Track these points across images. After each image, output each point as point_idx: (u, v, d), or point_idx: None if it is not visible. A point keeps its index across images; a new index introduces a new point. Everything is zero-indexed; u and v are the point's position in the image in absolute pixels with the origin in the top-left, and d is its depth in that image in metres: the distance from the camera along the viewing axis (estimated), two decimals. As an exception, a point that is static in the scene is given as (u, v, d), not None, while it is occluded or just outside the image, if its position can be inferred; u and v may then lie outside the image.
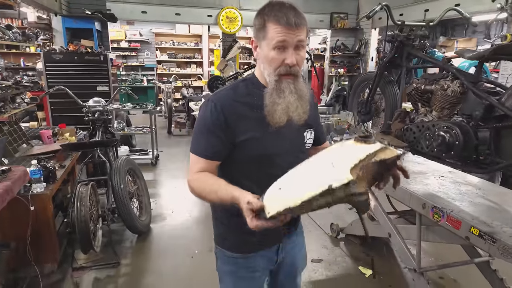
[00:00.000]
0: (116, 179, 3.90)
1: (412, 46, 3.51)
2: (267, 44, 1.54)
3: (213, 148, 1.64)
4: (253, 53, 1.67)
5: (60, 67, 7.31)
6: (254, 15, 1.60)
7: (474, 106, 2.64)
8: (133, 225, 4.04)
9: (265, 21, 1.52)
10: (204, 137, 1.64)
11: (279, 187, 1.33)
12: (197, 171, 1.65)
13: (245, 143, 1.63)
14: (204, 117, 1.64)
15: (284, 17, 1.50)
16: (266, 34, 1.53)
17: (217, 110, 1.60)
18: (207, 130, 1.62)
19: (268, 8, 1.54)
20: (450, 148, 2.68)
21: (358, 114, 4.26)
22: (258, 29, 1.56)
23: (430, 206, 2.67)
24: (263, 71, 1.63)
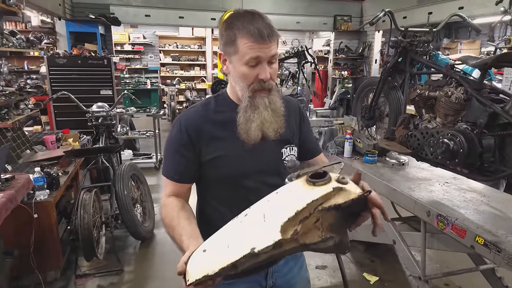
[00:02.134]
0: (120, 185, 3.89)
1: (416, 51, 3.50)
2: (238, 60, 1.45)
3: (180, 169, 1.58)
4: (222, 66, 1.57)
5: (64, 71, 7.29)
6: (222, 26, 1.50)
7: (478, 113, 2.63)
8: (136, 232, 4.04)
9: (235, 35, 1.42)
10: (171, 158, 1.59)
11: (203, 248, 1.15)
12: (167, 194, 1.59)
13: (213, 162, 1.56)
14: (171, 137, 1.59)
15: (256, 31, 1.40)
16: (237, 49, 1.43)
17: (182, 130, 1.55)
18: (173, 150, 1.58)
19: (236, 19, 1.44)
20: (455, 155, 2.66)
21: (362, 119, 4.25)
22: (227, 42, 1.47)
23: (434, 214, 2.65)
24: (235, 86, 1.55)
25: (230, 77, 1.57)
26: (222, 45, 1.50)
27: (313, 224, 1.06)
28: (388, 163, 3.68)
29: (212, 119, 1.57)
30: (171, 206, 1.52)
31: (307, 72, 12.78)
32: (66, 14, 8.59)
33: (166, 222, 1.50)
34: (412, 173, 3.47)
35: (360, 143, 3.95)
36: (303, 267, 1.91)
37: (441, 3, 8.28)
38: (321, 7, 11.32)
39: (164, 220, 1.51)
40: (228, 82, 1.63)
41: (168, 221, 1.48)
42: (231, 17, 1.49)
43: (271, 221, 1.05)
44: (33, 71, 10.31)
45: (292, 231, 1.02)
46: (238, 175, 1.58)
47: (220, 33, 1.51)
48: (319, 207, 1.04)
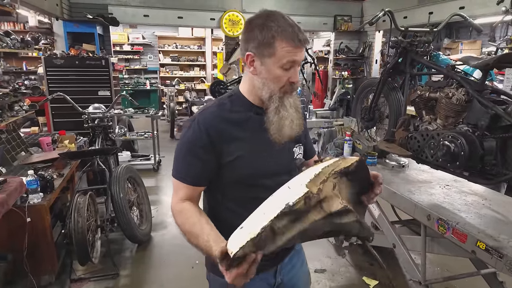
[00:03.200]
0: (116, 188, 3.84)
1: (416, 52, 3.45)
2: (274, 62, 1.45)
3: (196, 172, 1.54)
4: (249, 67, 1.53)
5: (61, 72, 7.26)
6: (252, 26, 1.48)
7: (480, 115, 2.58)
8: (132, 235, 3.99)
9: (274, 37, 1.42)
10: (187, 160, 1.54)
11: (241, 226, 1.19)
12: (181, 198, 1.54)
13: (233, 163, 1.53)
14: (187, 138, 1.53)
15: (295, 36, 1.44)
16: (274, 51, 1.43)
17: (201, 130, 1.50)
18: (190, 152, 1.53)
19: (274, 22, 1.44)
20: (455, 158, 2.61)
21: (362, 121, 4.20)
22: (263, 44, 1.44)
23: (435, 218, 2.60)
24: (261, 88, 1.52)
25: (255, 78, 1.53)
26: (255, 47, 1.46)
27: (331, 190, 1.21)
28: (388, 165, 3.63)
29: (229, 119, 1.54)
30: (189, 212, 1.48)
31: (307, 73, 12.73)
32: (64, 14, 8.54)
33: (186, 228, 1.45)
34: (413, 175, 3.42)
35: (360, 145, 3.90)
36: (304, 262, 2.00)
37: (441, 3, 8.23)
38: (321, 7, 11.27)
39: (183, 226, 1.46)
40: (245, 83, 1.61)
41: (188, 228, 1.44)
42: (263, 17, 1.48)
43: (296, 186, 1.20)
44: (31, 72, 10.27)
45: (316, 189, 1.16)
46: (258, 175, 1.57)
47: (248, 33, 1.49)
48: (332, 171, 1.24)
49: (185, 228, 1.45)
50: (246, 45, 1.50)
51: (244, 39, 1.51)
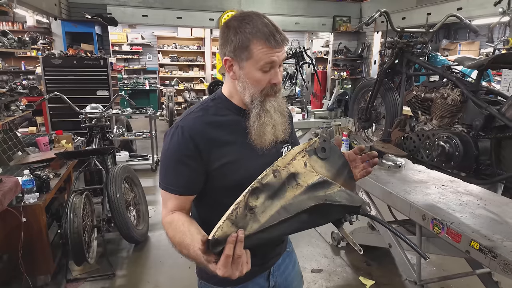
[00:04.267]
0: (112, 188, 3.84)
1: (412, 52, 3.45)
2: (252, 65, 1.41)
3: (184, 181, 1.47)
4: (228, 72, 1.50)
5: (59, 72, 7.25)
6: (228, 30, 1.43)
7: (474, 115, 2.58)
8: (129, 235, 3.98)
9: (249, 40, 1.38)
10: (173, 169, 1.47)
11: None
12: (171, 209, 1.48)
13: (221, 169, 1.48)
14: (171, 146, 1.46)
15: (271, 36, 1.38)
16: (251, 54, 1.39)
17: (186, 137, 1.43)
18: (176, 160, 1.45)
19: (249, 24, 1.38)
20: (450, 158, 2.61)
21: (359, 121, 4.20)
22: (238, 47, 1.40)
23: (430, 218, 2.60)
24: (243, 92, 1.48)
25: (236, 83, 1.49)
26: (231, 51, 1.42)
27: (303, 167, 1.29)
28: (385, 165, 3.64)
29: (215, 123, 1.49)
30: (179, 223, 1.40)
31: (306, 73, 12.74)
32: (62, 14, 8.53)
33: (176, 240, 1.36)
34: (409, 175, 3.42)
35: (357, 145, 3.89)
36: (296, 262, 1.96)
37: (439, 4, 8.24)
38: (320, 7, 11.28)
39: (174, 239, 1.38)
40: (228, 86, 1.56)
41: (179, 240, 1.35)
42: (237, 20, 1.42)
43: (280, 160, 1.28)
44: (30, 72, 10.28)
45: (284, 164, 1.25)
46: (248, 179, 1.39)
47: (225, 37, 1.44)
48: (297, 151, 1.32)
49: (176, 240, 1.36)
50: (224, 49, 1.45)
51: (221, 44, 1.47)
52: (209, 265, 1.15)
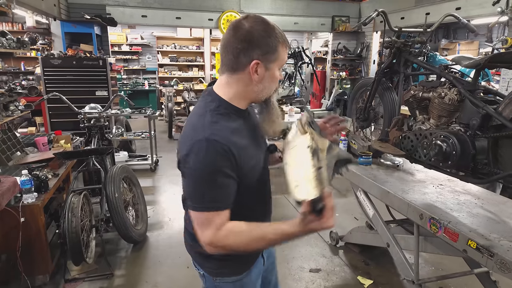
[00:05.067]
0: (110, 188, 3.84)
1: (409, 52, 3.46)
2: (277, 65, 1.54)
3: (230, 193, 1.47)
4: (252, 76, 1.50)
5: (59, 72, 7.26)
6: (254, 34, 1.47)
7: (472, 115, 2.59)
8: (127, 235, 3.99)
9: (277, 44, 1.49)
10: (218, 185, 1.43)
11: (295, 185, 1.42)
12: (218, 228, 1.45)
13: (249, 172, 1.54)
14: (209, 162, 1.40)
15: (287, 40, 1.56)
16: (278, 56, 1.51)
17: (222, 149, 1.41)
18: (219, 175, 1.42)
19: (274, 30, 1.49)
20: (447, 157, 2.62)
21: (357, 121, 4.21)
22: (270, 51, 1.48)
23: (427, 217, 2.60)
24: (261, 92, 1.56)
25: (254, 84, 1.53)
26: (261, 54, 1.47)
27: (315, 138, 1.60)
28: (383, 164, 3.63)
29: (234, 129, 1.51)
30: (240, 229, 1.47)
31: (305, 73, 12.74)
32: (61, 14, 8.54)
33: (248, 241, 1.46)
34: (407, 175, 3.42)
35: (355, 145, 3.92)
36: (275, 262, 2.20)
37: (438, 3, 8.25)
38: (319, 7, 11.29)
39: (237, 244, 1.46)
40: (231, 89, 1.56)
41: (251, 239, 1.46)
42: (267, 28, 1.49)
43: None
44: (29, 72, 10.29)
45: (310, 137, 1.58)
46: (263, 174, 1.67)
47: (250, 41, 1.46)
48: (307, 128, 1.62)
49: (243, 242, 1.45)
50: (250, 52, 1.47)
51: (245, 48, 1.47)
52: (311, 224, 1.34)
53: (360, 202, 3.70)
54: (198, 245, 1.55)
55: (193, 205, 1.47)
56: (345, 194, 5.82)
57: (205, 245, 1.48)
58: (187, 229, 1.76)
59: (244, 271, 1.75)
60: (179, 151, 1.51)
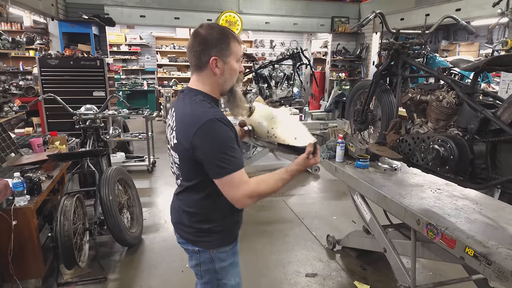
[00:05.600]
0: (105, 190, 3.79)
1: (408, 54, 3.41)
2: (233, 58, 1.87)
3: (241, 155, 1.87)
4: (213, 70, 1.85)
5: (56, 72, 7.24)
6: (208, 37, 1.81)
7: (470, 118, 2.54)
8: (121, 238, 3.93)
9: (229, 41, 1.84)
10: (236, 150, 1.79)
11: (294, 138, 2.08)
12: (249, 181, 1.80)
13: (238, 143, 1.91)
14: (223, 134, 1.76)
15: (237, 36, 1.93)
16: (232, 50, 1.85)
17: (227, 124, 1.78)
18: (234, 142, 1.80)
19: (224, 31, 1.86)
20: (445, 162, 2.57)
21: (354, 123, 4.15)
22: (224, 48, 1.82)
23: (424, 223, 2.56)
24: (223, 84, 1.90)
25: (218, 77, 1.87)
26: (218, 51, 1.81)
27: None
28: (380, 168, 3.60)
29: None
30: (262, 179, 1.87)
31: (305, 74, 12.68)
32: (59, 14, 8.50)
33: (273, 184, 1.87)
34: (404, 178, 3.38)
35: (353, 147, 3.87)
36: None
37: (438, 5, 8.20)
38: (318, 8, 11.26)
39: (266, 189, 1.84)
40: (206, 84, 1.89)
41: (274, 181, 1.87)
42: (214, 28, 1.85)
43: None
44: (28, 72, 10.24)
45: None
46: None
47: (205, 43, 1.81)
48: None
49: (270, 186, 1.86)
50: (209, 52, 1.81)
51: (203, 49, 1.81)
52: (311, 160, 1.93)
53: (357, 206, 3.66)
54: (197, 223, 1.97)
55: (223, 171, 1.75)
56: (341, 197, 5.81)
57: (243, 200, 1.80)
58: (184, 210, 2.00)
59: (233, 241, 2.10)
60: (179, 136, 1.83)
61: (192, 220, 1.98)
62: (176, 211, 2.08)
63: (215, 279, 2.08)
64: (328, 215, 5.31)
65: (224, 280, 2.08)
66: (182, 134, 1.80)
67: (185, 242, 2.06)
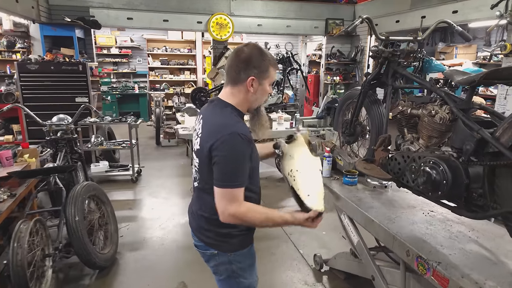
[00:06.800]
0: (70, 210, 3.49)
1: (398, 63, 3.12)
2: (268, 82, 2.06)
3: (247, 173, 1.98)
4: (248, 88, 2.01)
5: (36, 78, 6.96)
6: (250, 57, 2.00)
7: (465, 138, 2.24)
8: (90, 261, 3.62)
9: (269, 66, 2.03)
10: (243, 167, 1.94)
11: (307, 194, 2.10)
12: (241, 201, 1.94)
13: (255, 159, 2.08)
14: (240, 149, 1.90)
15: (276, 63, 2.14)
16: (269, 74, 2.05)
17: (247, 140, 1.92)
18: (246, 160, 1.94)
19: (267, 56, 2.03)
20: (437, 187, 2.28)
21: (343, 135, 3.87)
22: (262, 71, 2.01)
23: (414, 255, 2.29)
24: (253, 101, 2.09)
25: (250, 95, 2.05)
26: (257, 72, 2.00)
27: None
28: (370, 185, 3.33)
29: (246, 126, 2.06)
30: (256, 209, 2.00)
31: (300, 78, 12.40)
32: (41, 17, 8.19)
33: (262, 220, 2.00)
34: (395, 198, 3.11)
35: (341, 161, 3.60)
36: None
37: (434, 6, 7.93)
38: (312, 10, 10.97)
39: (260, 220, 1.99)
40: (236, 98, 2.06)
41: (264, 218, 1.99)
42: (261, 53, 2.02)
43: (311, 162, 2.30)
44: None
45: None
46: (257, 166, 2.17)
47: (248, 61, 1.99)
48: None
49: (259, 219, 1.98)
50: (248, 71, 1.99)
51: (244, 67, 1.99)
52: (307, 223, 2.04)
53: (344, 227, 3.39)
54: (216, 227, 2.08)
55: (225, 184, 1.91)
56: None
57: (227, 216, 1.93)
58: (201, 215, 2.13)
59: (250, 244, 2.23)
60: (203, 142, 1.99)
61: (210, 224, 2.10)
62: (194, 216, 2.23)
63: (232, 277, 2.20)
64: (317, 230, 5.00)
65: (241, 278, 2.22)
66: (206, 140, 1.96)
67: (204, 245, 2.17)
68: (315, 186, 2.13)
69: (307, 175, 2.17)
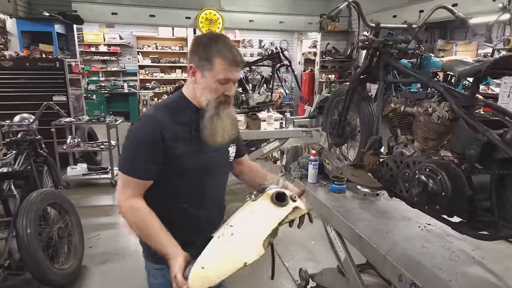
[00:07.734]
0: (21, 221, 3.11)
1: (391, 54, 2.74)
2: (212, 76, 1.75)
3: (147, 166, 1.73)
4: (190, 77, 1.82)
5: (10, 75, 6.62)
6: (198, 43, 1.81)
7: (468, 141, 1.84)
8: (45, 279, 3.23)
9: (213, 56, 1.73)
10: (139, 154, 1.73)
11: (201, 265, 1.49)
12: (130, 194, 1.70)
13: (178, 159, 1.78)
14: (141, 133, 1.75)
15: (231, 57, 1.76)
16: (213, 67, 1.74)
17: (155, 127, 1.72)
18: (143, 146, 1.73)
19: (216, 43, 1.75)
20: (433, 200, 1.90)
21: (330, 136, 3.49)
22: (204, 60, 1.75)
23: (407, 281, 1.91)
24: (199, 96, 1.82)
25: (195, 86, 1.82)
26: (197, 60, 1.77)
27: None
28: (360, 192, 2.96)
29: (178, 120, 1.80)
30: (142, 211, 1.70)
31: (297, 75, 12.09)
32: (19, 11, 7.83)
33: (138, 226, 1.70)
34: (387, 208, 2.73)
35: (329, 165, 3.25)
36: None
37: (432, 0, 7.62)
38: (306, 5, 10.72)
39: (136, 224, 1.70)
40: (190, 89, 1.86)
41: (141, 226, 1.69)
42: (207, 37, 1.82)
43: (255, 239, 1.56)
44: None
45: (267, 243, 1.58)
46: (201, 170, 1.88)
47: (194, 49, 1.80)
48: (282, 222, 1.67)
49: (138, 225, 1.70)
50: (191, 58, 1.80)
51: (190, 52, 1.83)
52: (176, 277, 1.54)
53: (330, 240, 3.01)
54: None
55: (119, 166, 1.76)
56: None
57: (119, 205, 1.73)
58: None
59: (163, 263, 1.78)
60: None
61: None
62: None
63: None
64: (305, 239, 4.63)
65: None
66: None
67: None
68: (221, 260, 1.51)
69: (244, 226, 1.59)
